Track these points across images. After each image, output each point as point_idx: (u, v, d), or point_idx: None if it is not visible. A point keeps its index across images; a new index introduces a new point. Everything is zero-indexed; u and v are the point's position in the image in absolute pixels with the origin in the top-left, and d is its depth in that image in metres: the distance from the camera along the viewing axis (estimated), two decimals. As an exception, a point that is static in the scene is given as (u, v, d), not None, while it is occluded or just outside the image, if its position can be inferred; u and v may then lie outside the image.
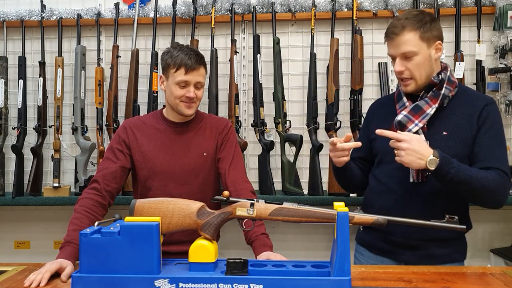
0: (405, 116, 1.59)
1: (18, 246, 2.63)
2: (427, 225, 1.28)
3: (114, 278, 1.21)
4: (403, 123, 1.59)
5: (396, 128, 1.60)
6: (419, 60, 1.55)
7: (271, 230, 1.85)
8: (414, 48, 1.54)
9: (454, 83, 1.61)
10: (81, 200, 1.66)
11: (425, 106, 1.58)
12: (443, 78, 1.58)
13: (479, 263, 2.41)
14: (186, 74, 1.70)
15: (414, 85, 1.59)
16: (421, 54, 1.55)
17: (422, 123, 1.57)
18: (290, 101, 2.45)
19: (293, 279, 1.20)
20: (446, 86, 1.58)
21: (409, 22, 1.54)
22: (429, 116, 1.57)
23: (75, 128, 2.40)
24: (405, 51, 1.54)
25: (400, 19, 1.56)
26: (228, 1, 2.40)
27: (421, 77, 1.57)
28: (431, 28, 1.56)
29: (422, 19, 1.55)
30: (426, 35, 1.54)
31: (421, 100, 1.59)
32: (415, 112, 1.58)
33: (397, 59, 1.57)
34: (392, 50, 1.58)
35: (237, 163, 1.81)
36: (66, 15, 2.48)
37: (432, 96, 1.58)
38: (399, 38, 1.54)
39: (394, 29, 1.55)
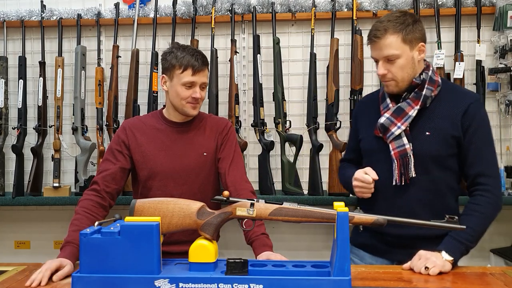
0: (387, 119, 1.59)
1: (18, 246, 2.63)
2: (427, 225, 1.29)
3: (114, 278, 1.21)
4: (386, 126, 1.59)
5: (379, 131, 1.61)
6: (402, 62, 1.55)
7: (271, 230, 1.84)
8: (397, 51, 1.53)
9: (437, 82, 1.61)
10: (81, 201, 1.66)
11: (407, 108, 1.58)
12: (425, 78, 1.58)
13: (479, 263, 2.40)
14: (193, 75, 1.70)
15: (396, 87, 1.59)
16: (403, 56, 1.54)
17: (405, 126, 1.57)
18: (290, 101, 2.45)
19: (293, 279, 1.20)
20: (427, 87, 1.58)
21: (391, 25, 1.53)
22: (411, 118, 1.57)
23: (75, 128, 2.40)
24: (388, 54, 1.54)
25: (382, 22, 1.55)
26: (228, 1, 2.40)
27: (403, 79, 1.57)
28: (413, 30, 1.55)
29: (405, 21, 1.54)
30: (408, 37, 1.54)
31: (404, 101, 1.59)
32: (398, 114, 1.59)
33: (380, 62, 1.57)
34: (374, 53, 1.58)
35: (237, 163, 1.81)
36: (66, 15, 2.48)
37: (414, 97, 1.58)
38: (382, 42, 1.53)
39: (376, 32, 1.54)
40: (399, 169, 1.57)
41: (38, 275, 1.33)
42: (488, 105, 2.33)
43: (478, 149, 1.55)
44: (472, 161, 1.55)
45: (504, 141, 2.36)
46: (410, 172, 1.56)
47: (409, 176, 1.56)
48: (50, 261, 1.39)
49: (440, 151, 1.56)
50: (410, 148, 1.56)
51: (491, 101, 2.37)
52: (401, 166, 1.56)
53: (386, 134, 1.59)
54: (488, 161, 1.55)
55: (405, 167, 1.56)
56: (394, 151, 1.58)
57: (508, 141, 2.38)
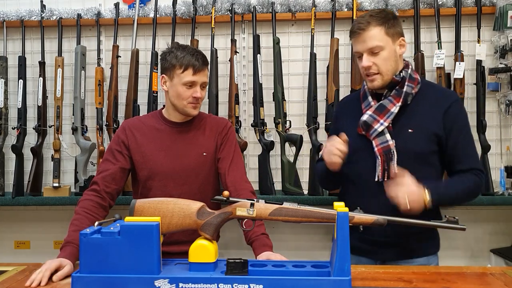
0: (370, 116, 1.62)
1: (18, 246, 2.63)
2: (427, 225, 1.30)
3: (114, 278, 1.21)
4: (368, 123, 1.62)
5: (362, 128, 1.64)
6: (385, 54, 1.58)
7: (271, 230, 1.84)
8: (381, 42, 1.57)
9: (416, 80, 1.64)
10: (81, 201, 1.66)
11: (389, 105, 1.61)
12: (404, 76, 1.61)
13: (479, 263, 2.41)
14: (194, 74, 1.70)
15: (381, 80, 1.61)
16: (387, 48, 1.58)
17: (387, 122, 1.60)
18: (290, 101, 2.45)
19: (293, 279, 1.20)
20: (407, 84, 1.61)
21: (373, 19, 1.58)
22: (393, 115, 1.60)
23: (75, 128, 2.40)
24: (372, 45, 1.57)
25: (364, 17, 1.60)
26: (228, 1, 2.40)
27: (387, 72, 1.60)
28: (394, 24, 1.60)
29: (386, 16, 1.60)
30: (390, 31, 1.59)
31: (385, 99, 1.62)
32: (380, 111, 1.61)
33: (364, 55, 1.59)
34: (359, 46, 1.60)
35: (237, 163, 1.81)
36: (66, 15, 2.48)
37: (395, 94, 1.61)
38: (366, 34, 1.57)
39: (360, 25, 1.58)
40: (382, 165, 1.59)
41: (38, 275, 1.33)
42: (488, 105, 2.33)
43: (465, 148, 1.61)
44: (461, 159, 1.61)
45: (504, 141, 2.36)
46: (393, 168, 1.58)
47: (391, 172, 1.58)
48: (50, 261, 1.39)
49: (422, 148, 1.60)
50: (393, 144, 1.59)
51: (491, 101, 2.37)
52: (385, 162, 1.59)
53: (369, 131, 1.62)
54: (475, 159, 1.63)
55: (388, 163, 1.59)
56: (377, 148, 1.61)
57: (508, 141, 2.38)
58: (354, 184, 1.68)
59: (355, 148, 1.66)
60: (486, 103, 2.30)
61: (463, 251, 2.45)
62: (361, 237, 1.62)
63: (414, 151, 1.59)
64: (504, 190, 2.27)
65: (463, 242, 2.44)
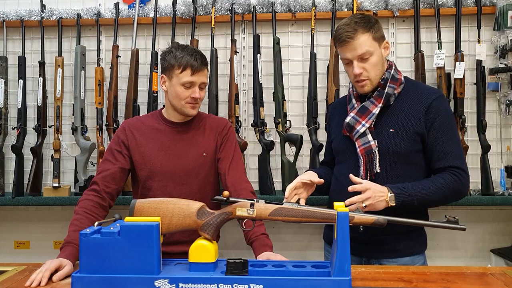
0: (352, 117, 1.65)
1: (18, 246, 2.63)
2: (427, 225, 1.30)
3: (114, 278, 1.21)
4: (351, 124, 1.65)
5: (346, 130, 1.67)
6: (374, 60, 1.60)
7: (271, 230, 1.84)
8: (370, 48, 1.58)
9: (399, 80, 1.65)
10: (81, 201, 1.66)
11: (371, 106, 1.63)
12: (387, 77, 1.63)
13: (479, 263, 2.41)
14: (192, 75, 1.70)
15: (371, 85, 1.63)
16: (375, 53, 1.60)
17: (369, 123, 1.62)
18: (290, 101, 2.45)
19: (293, 279, 1.20)
20: (389, 85, 1.62)
21: (359, 25, 1.58)
22: (375, 116, 1.62)
23: (75, 128, 2.40)
24: (363, 52, 1.58)
25: (349, 24, 1.59)
26: (228, 1, 2.40)
27: (376, 76, 1.62)
28: (378, 28, 1.62)
29: (370, 20, 1.60)
30: (377, 35, 1.60)
31: (367, 100, 1.64)
32: (362, 113, 1.64)
33: (354, 62, 1.60)
34: (348, 53, 1.60)
35: (237, 163, 1.81)
36: (66, 15, 2.48)
37: (377, 95, 1.63)
38: (355, 41, 1.57)
39: (348, 33, 1.57)
40: (364, 165, 1.61)
41: (37, 275, 1.33)
42: (488, 105, 2.33)
43: (445, 144, 1.60)
44: (440, 156, 1.59)
45: (504, 141, 2.36)
46: (375, 168, 1.60)
47: (374, 172, 1.60)
48: (50, 261, 1.39)
49: (404, 147, 1.60)
50: (375, 144, 1.61)
51: (491, 101, 2.37)
52: (367, 162, 1.61)
53: (352, 133, 1.65)
54: (455, 156, 1.59)
55: (370, 163, 1.61)
56: (360, 148, 1.63)
57: (508, 141, 2.38)
58: (340, 183, 1.69)
59: (342, 149, 1.72)
60: (486, 103, 2.30)
61: (463, 251, 2.45)
62: None
63: (395, 150, 1.60)
64: (504, 190, 2.27)
65: (463, 242, 2.44)
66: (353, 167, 1.64)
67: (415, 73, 2.28)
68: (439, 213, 1.75)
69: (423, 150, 1.63)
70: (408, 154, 1.61)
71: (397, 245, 1.64)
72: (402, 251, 1.65)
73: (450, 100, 2.27)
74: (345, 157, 1.69)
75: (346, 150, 1.69)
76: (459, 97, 2.26)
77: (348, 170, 1.63)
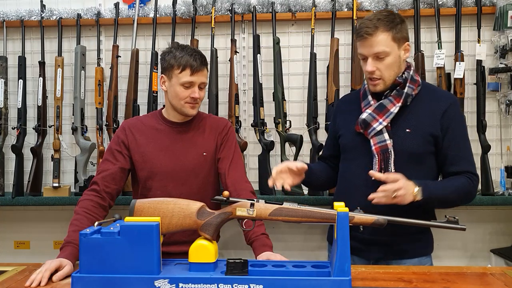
0: (369, 114, 1.62)
1: (18, 246, 2.63)
2: (427, 225, 1.30)
3: (114, 278, 1.21)
4: (367, 121, 1.62)
5: (361, 127, 1.64)
6: (390, 60, 1.58)
7: (271, 230, 1.84)
8: (387, 48, 1.56)
9: (417, 82, 1.65)
10: (81, 201, 1.66)
11: (389, 105, 1.61)
12: (406, 77, 1.62)
13: (479, 263, 2.41)
14: (192, 75, 1.70)
15: (383, 85, 1.62)
16: (392, 54, 1.58)
17: (386, 122, 1.61)
18: (290, 101, 2.45)
19: (293, 279, 1.20)
20: (409, 85, 1.61)
21: (381, 23, 1.56)
22: (393, 115, 1.61)
23: (75, 128, 2.40)
24: (379, 51, 1.56)
25: (371, 20, 1.57)
26: (228, 1, 2.40)
27: (390, 77, 1.60)
28: (401, 29, 1.59)
29: (394, 20, 1.58)
30: (397, 36, 1.58)
31: (385, 99, 1.63)
32: (380, 110, 1.62)
33: (369, 59, 1.59)
34: (364, 50, 1.60)
35: (237, 163, 1.81)
36: (66, 15, 2.48)
37: (396, 95, 1.62)
38: (373, 39, 1.56)
39: (367, 29, 1.56)
40: (379, 164, 1.60)
41: (37, 275, 1.33)
42: (488, 105, 2.33)
43: (459, 150, 1.61)
44: (453, 161, 1.60)
45: (504, 141, 2.36)
46: (390, 167, 1.59)
47: (388, 171, 1.59)
48: (50, 261, 1.39)
49: (418, 148, 1.60)
50: (391, 144, 1.59)
51: (491, 101, 2.37)
52: (381, 161, 1.60)
53: (368, 130, 1.63)
54: (469, 161, 1.62)
55: (385, 162, 1.59)
56: (375, 146, 1.61)
57: (508, 141, 2.37)
58: (349, 182, 1.68)
59: (352, 146, 1.69)
60: (486, 103, 2.30)
61: (463, 251, 2.45)
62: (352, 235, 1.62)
63: (410, 151, 1.59)
64: (504, 190, 2.27)
65: (463, 242, 2.44)
66: (366, 165, 1.61)
67: (415, 73, 2.28)
68: (439, 213, 1.75)
69: (435, 152, 1.63)
70: (422, 156, 1.60)
71: (404, 247, 1.63)
72: (411, 253, 1.64)
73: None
74: (356, 155, 1.67)
75: (358, 147, 1.66)
76: (459, 97, 2.25)
77: (359, 168, 1.62)
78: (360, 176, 1.63)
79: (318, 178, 1.79)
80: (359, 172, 1.63)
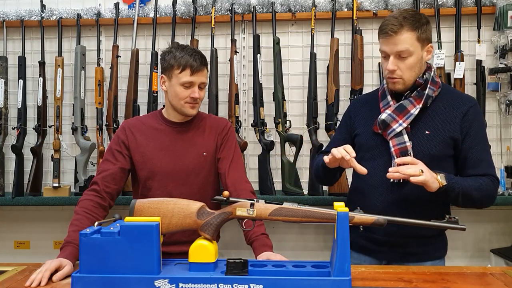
0: (389, 115, 1.60)
1: (18, 246, 2.63)
2: (427, 225, 1.29)
3: (114, 278, 1.21)
4: (387, 122, 1.60)
5: (379, 127, 1.62)
6: (412, 60, 1.55)
7: (271, 230, 1.84)
8: (411, 47, 1.54)
9: (438, 83, 1.63)
10: (81, 201, 1.66)
11: (410, 106, 1.59)
12: (427, 78, 1.60)
13: (479, 263, 2.41)
14: (191, 75, 1.70)
15: (403, 85, 1.59)
16: (415, 55, 1.55)
17: (406, 123, 1.58)
18: (290, 101, 2.45)
19: (293, 279, 1.20)
20: (430, 87, 1.59)
21: (407, 22, 1.53)
22: (413, 116, 1.58)
23: (75, 128, 2.40)
24: (402, 49, 1.54)
25: (397, 18, 1.54)
26: (228, 1, 2.40)
27: (410, 78, 1.58)
28: (426, 29, 1.56)
29: (420, 20, 1.55)
30: (422, 36, 1.55)
31: (406, 99, 1.60)
32: (400, 111, 1.59)
33: (391, 57, 1.56)
34: (387, 47, 1.56)
35: (237, 163, 1.81)
36: (66, 15, 2.48)
37: (417, 96, 1.59)
38: (398, 37, 1.53)
39: (392, 26, 1.53)
40: None
41: (37, 275, 1.33)
42: (488, 105, 2.33)
43: (480, 152, 1.58)
44: (475, 164, 1.57)
45: (504, 141, 2.36)
46: None
47: None
48: (50, 261, 1.39)
49: (438, 151, 1.58)
50: (410, 146, 1.57)
51: (491, 101, 2.37)
52: None
53: (387, 131, 1.60)
54: (490, 164, 1.60)
55: None
56: (394, 148, 1.58)
57: (508, 141, 2.37)
58: (365, 182, 1.65)
59: (370, 146, 1.65)
60: (486, 103, 2.30)
61: (463, 251, 2.45)
62: (365, 235, 1.62)
63: (429, 153, 1.57)
64: (504, 190, 2.27)
65: (463, 242, 2.44)
66: (382, 166, 1.59)
67: (415, 73, 2.28)
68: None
69: (454, 156, 1.61)
70: (441, 158, 1.58)
71: (417, 249, 1.61)
72: (422, 256, 1.63)
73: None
74: (374, 155, 1.64)
75: (376, 148, 1.64)
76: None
77: (377, 169, 1.59)
78: (378, 176, 1.60)
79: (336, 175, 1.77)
80: (377, 173, 1.60)
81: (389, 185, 1.60)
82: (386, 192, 1.60)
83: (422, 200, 1.56)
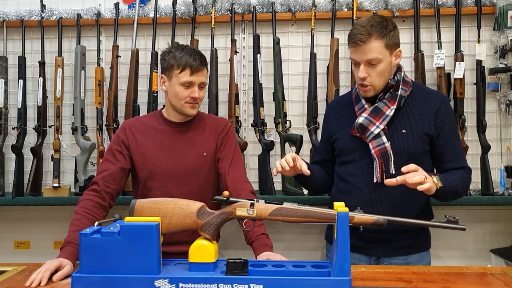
0: (366, 118, 1.64)
1: (18, 246, 2.63)
2: (427, 225, 1.31)
3: (114, 278, 1.21)
4: (364, 125, 1.64)
5: (358, 131, 1.66)
6: (382, 67, 1.59)
7: (271, 230, 1.85)
8: (380, 55, 1.58)
9: (409, 83, 1.67)
10: (81, 201, 1.66)
11: (384, 108, 1.63)
12: (399, 79, 1.64)
13: (479, 263, 2.41)
14: (191, 75, 1.70)
15: (373, 91, 1.64)
16: (384, 61, 1.59)
17: (383, 125, 1.63)
18: (290, 101, 2.45)
19: (293, 279, 1.20)
20: (401, 87, 1.64)
21: (375, 30, 1.56)
22: (389, 118, 1.63)
23: (75, 128, 2.40)
24: (371, 58, 1.58)
25: (365, 26, 1.57)
26: (228, 1, 2.40)
27: (380, 83, 1.62)
28: (394, 35, 1.60)
29: (387, 26, 1.59)
30: (390, 43, 1.59)
31: (380, 102, 1.64)
32: (375, 114, 1.64)
33: (361, 65, 1.60)
34: (357, 56, 1.60)
35: (237, 163, 1.81)
36: (66, 15, 2.48)
37: (390, 97, 1.64)
38: (366, 46, 1.57)
39: (361, 36, 1.56)
40: (380, 167, 1.62)
41: (37, 275, 1.33)
42: (488, 105, 2.33)
43: (455, 146, 1.66)
44: (451, 158, 1.65)
45: (504, 141, 2.36)
46: (390, 169, 1.61)
47: (389, 173, 1.61)
48: (50, 261, 1.40)
49: (416, 148, 1.63)
50: (389, 146, 1.62)
51: (491, 101, 2.37)
52: (383, 163, 1.62)
53: (365, 134, 1.64)
54: (462, 156, 1.69)
55: (386, 164, 1.61)
56: (374, 150, 1.63)
57: (508, 141, 2.37)
58: (349, 184, 1.70)
59: (350, 150, 1.70)
60: (486, 103, 2.30)
61: (463, 251, 2.45)
62: (354, 233, 1.62)
63: (408, 151, 1.62)
64: (504, 190, 2.27)
65: (463, 242, 2.44)
66: (366, 167, 1.65)
67: (415, 73, 2.28)
68: (439, 213, 1.75)
69: (430, 151, 1.66)
70: (419, 155, 1.63)
71: (404, 243, 1.66)
72: (409, 249, 1.68)
73: (450, 100, 2.26)
74: (355, 158, 1.69)
75: (357, 151, 1.68)
76: (459, 97, 2.26)
77: (359, 171, 1.65)
78: (362, 178, 1.66)
79: (317, 181, 1.80)
80: (360, 174, 1.67)
81: (373, 185, 1.64)
82: (370, 192, 1.65)
83: (404, 195, 1.61)
